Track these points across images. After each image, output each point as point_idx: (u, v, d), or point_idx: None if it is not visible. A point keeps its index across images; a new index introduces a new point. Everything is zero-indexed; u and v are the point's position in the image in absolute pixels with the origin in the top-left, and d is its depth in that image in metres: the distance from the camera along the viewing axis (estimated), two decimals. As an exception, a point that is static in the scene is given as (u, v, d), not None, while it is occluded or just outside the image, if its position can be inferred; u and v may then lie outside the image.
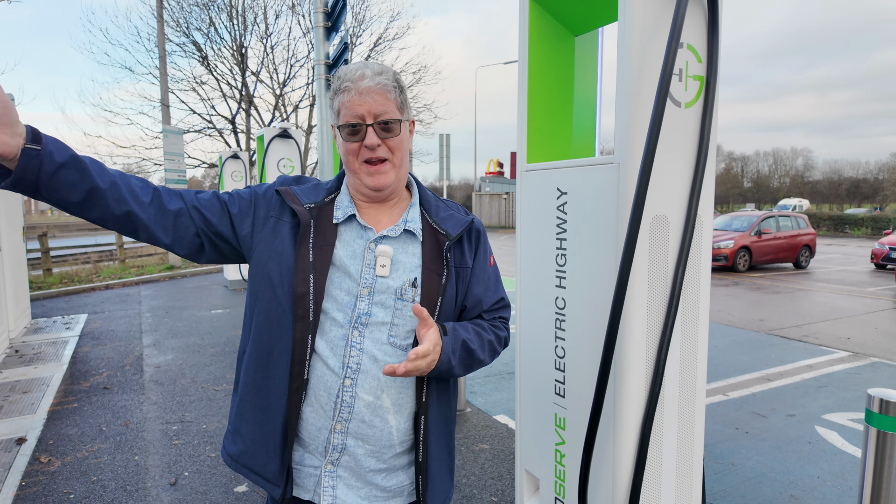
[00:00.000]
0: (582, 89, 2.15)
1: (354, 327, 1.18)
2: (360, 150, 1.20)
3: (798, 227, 14.60)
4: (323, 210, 1.24)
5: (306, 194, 1.25)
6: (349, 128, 1.19)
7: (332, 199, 1.26)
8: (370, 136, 1.18)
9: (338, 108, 1.21)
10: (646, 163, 1.47)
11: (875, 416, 1.71)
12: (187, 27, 15.58)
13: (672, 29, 1.47)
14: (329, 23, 4.07)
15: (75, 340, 6.46)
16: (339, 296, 1.18)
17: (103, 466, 3.44)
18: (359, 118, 1.18)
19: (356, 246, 1.22)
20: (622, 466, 1.65)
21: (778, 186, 68.17)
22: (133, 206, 1.10)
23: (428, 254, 1.25)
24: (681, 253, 1.62)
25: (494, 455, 3.60)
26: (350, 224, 1.24)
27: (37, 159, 0.97)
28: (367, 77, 1.18)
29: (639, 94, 1.55)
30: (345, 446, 1.20)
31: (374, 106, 1.18)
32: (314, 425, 1.20)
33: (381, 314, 1.19)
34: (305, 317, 1.15)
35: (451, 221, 1.30)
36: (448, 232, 1.27)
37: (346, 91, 1.19)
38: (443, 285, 1.24)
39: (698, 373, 1.77)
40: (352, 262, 1.20)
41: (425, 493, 1.27)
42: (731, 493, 3.14)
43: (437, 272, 1.24)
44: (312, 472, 1.22)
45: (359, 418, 1.19)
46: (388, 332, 1.20)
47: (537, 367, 2.02)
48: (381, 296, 1.20)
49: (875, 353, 6.21)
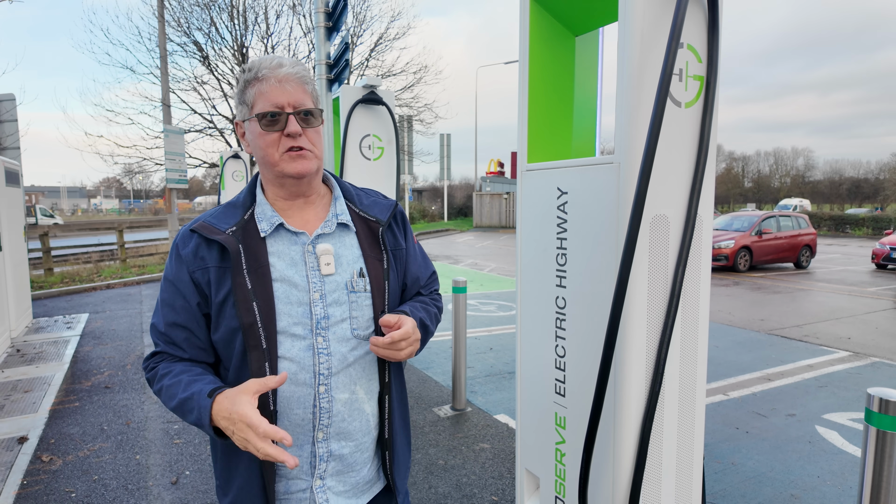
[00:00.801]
0: (582, 89, 2.15)
1: (318, 334, 1.16)
2: (280, 140, 1.15)
3: (799, 227, 14.60)
4: (247, 229, 1.17)
5: (222, 219, 1.18)
6: (268, 117, 1.13)
7: (252, 214, 1.20)
8: (292, 123, 1.14)
9: (252, 98, 1.15)
10: (646, 162, 1.47)
11: (875, 415, 1.72)
12: (188, 27, 15.60)
13: (672, 29, 1.48)
14: (330, 23, 4.07)
15: (76, 340, 6.47)
16: (291, 310, 1.15)
17: (105, 465, 3.45)
18: (278, 107, 1.14)
19: (293, 253, 1.18)
20: (622, 465, 1.65)
21: (779, 186, 68.11)
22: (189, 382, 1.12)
23: (365, 242, 1.25)
24: (681, 252, 1.63)
25: (495, 454, 3.61)
26: (279, 234, 1.19)
27: None
28: (286, 66, 1.16)
29: (639, 94, 1.56)
30: (330, 452, 1.20)
31: (294, 95, 1.15)
32: (294, 447, 1.17)
33: (339, 312, 1.19)
34: (258, 346, 1.11)
35: (377, 207, 1.31)
36: (378, 218, 1.28)
37: (264, 80, 1.14)
38: (385, 270, 1.26)
39: (698, 372, 1.78)
40: (293, 271, 1.17)
41: (392, 468, 1.29)
42: (731, 493, 3.15)
43: (378, 258, 1.25)
44: (302, 496, 1.20)
45: (339, 418, 1.19)
46: (349, 326, 1.20)
47: (538, 367, 2.02)
48: (333, 294, 1.19)
49: (875, 353, 6.21)
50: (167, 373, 1.15)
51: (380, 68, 18.08)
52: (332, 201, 1.28)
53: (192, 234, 1.17)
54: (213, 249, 1.15)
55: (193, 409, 1.06)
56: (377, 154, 4.20)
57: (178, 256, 1.18)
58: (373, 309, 1.22)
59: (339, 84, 4.33)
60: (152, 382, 1.18)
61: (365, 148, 4.11)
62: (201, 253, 1.15)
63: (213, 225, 1.16)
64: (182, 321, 1.16)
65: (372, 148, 4.15)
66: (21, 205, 7.32)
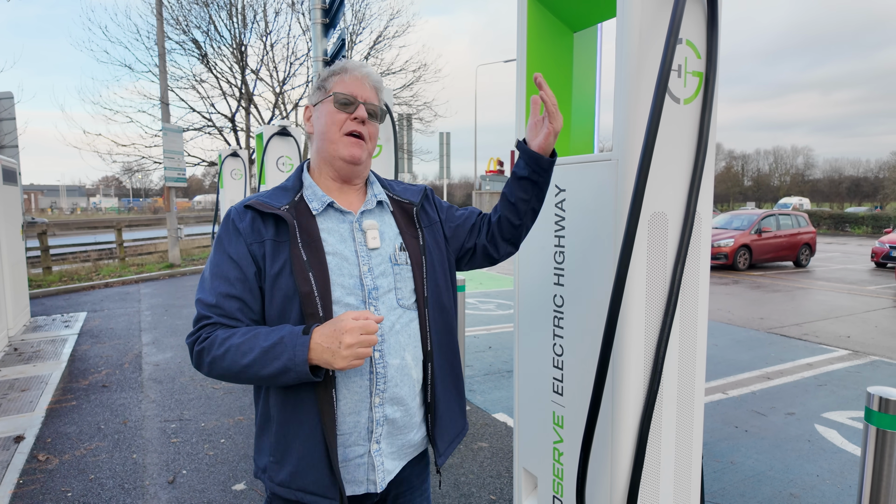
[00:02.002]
0: (580, 86, 2.14)
1: (369, 304, 1.24)
2: (346, 122, 1.28)
3: (798, 225, 14.59)
4: (298, 207, 1.27)
5: (276, 199, 1.27)
6: (344, 98, 1.27)
7: (301, 196, 1.30)
8: (361, 110, 1.27)
9: (332, 85, 1.30)
10: (644, 159, 1.45)
11: (875, 414, 1.70)
12: (187, 25, 15.55)
13: (671, 24, 1.46)
14: (327, 19, 4.05)
15: (74, 338, 6.45)
16: (344, 281, 1.23)
17: (101, 464, 3.44)
18: (354, 95, 1.28)
19: (342, 230, 1.28)
20: (620, 465, 1.64)
21: (778, 185, 68.10)
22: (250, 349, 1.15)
23: (401, 221, 1.36)
24: (679, 250, 1.61)
25: (493, 453, 3.59)
26: (328, 213, 1.29)
27: None
28: (366, 68, 1.33)
29: (637, 91, 1.54)
30: (385, 416, 1.26)
31: (369, 92, 1.31)
32: (354, 413, 1.23)
33: (385, 283, 1.28)
34: (315, 313, 1.18)
35: (409, 192, 1.43)
36: (411, 200, 1.40)
37: (348, 72, 1.30)
38: (421, 245, 1.35)
39: (697, 370, 1.76)
40: (344, 246, 1.26)
41: (434, 430, 1.35)
42: (730, 492, 3.14)
43: (413, 235, 1.35)
44: (360, 461, 1.26)
45: (392, 383, 1.26)
46: (395, 296, 1.28)
47: (536, 365, 2.01)
48: (380, 267, 1.28)
49: (875, 352, 6.20)
50: (231, 335, 1.16)
51: (379, 66, 18.05)
52: (369, 185, 1.40)
53: (246, 209, 1.25)
54: (268, 224, 1.23)
55: (284, 351, 1.10)
56: (375, 152, 4.18)
57: (234, 230, 1.23)
58: (413, 281, 1.31)
59: (337, 82, 4.31)
60: (208, 351, 1.17)
61: None
62: (257, 226, 1.23)
63: (267, 202, 1.25)
64: (237, 292, 1.21)
65: None
66: (19, 203, 7.30)
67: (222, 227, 1.26)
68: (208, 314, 1.20)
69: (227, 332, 1.17)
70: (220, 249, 1.24)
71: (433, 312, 1.34)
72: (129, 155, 15.77)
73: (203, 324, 1.20)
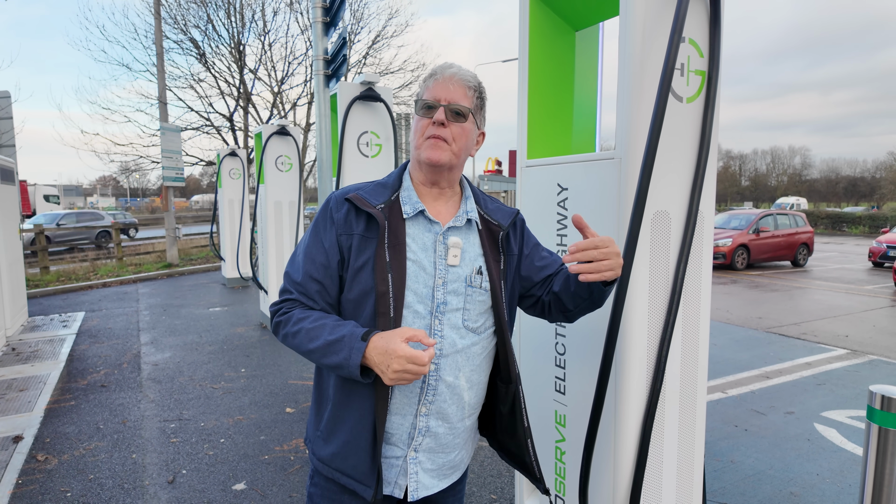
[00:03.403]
0: (582, 85, 2.13)
1: (435, 316, 1.27)
2: (427, 126, 1.29)
3: (796, 225, 14.62)
4: (392, 208, 1.30)
5: (375, 195, 1.31)
6: (424, 105, 1.29)
7: (398, 196, 1.32)
8: (440, 113, 1.27)
9: (421, 92, 1.33)
10: (648, 158, 1.45)
11: (877, 412, 1.70)
12: (185, 24, 15.51)
13: (674, 23, 1.46)
14: (328, 18, 4.04)
15: (72, 338, 6.43)
16: (418, 289, 1.26)
17: (101, 464, 3.43)
18: (436, 99, 1.29)
19: (426, 239, 1.30)
20: (623, 463, 1.64)
21: (776, 185, 68.25)
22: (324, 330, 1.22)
23: (486, 242, 1.35)
24: (682, 249, 1.61)
25: (493, 452, 3.59)
26: (417, 219, 1.31)
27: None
28: (454, 68, 1.32)
29: (640, 89, 1.54)
30: (428, 428, 1.29)
31: (453, 93, 1.29)
32: (400, 414, 1.27)
33: (455, 301, 1.29)
34: (386, 313, 1.22)
35: (500, 213, 1.41)
36: (500, 223, 1.38)
37: (434, 76, 1.31)
38: (502, 270, 1.36)
39: (699, 369, 1.76)
40: (424, 255, 1.28)
41: (536, 455, 1.40)
42: (730, 491, 3.14)
43: (496, 259, 1.35)
44: (395, 462, 1.30)
45: (441, 398, 1.28)
46: (461, 317, 1.30)
47: (538, 364, 2.01)
48: (454, 284, 1.29)
49: (873, 351, 6.21)
50: (305, 317, 1.24)
51: (377, 66, 18.03)
52: (464, 199, 1.38)
53: (345, 201, 1.30)
54: (360, 219, 1.28)
55: (342, 350, 1.16)
56: (375, 151, 4.18)
57: (330, 218, 1.30)
58: (485, 305, 1.32)
59: (337, 80, 4.30)
60: (284, 325, 1.27)
61: (363, 145, 4.08)
62: (350, 219, 1.28)
63: (365, 198, 1.29)
64: (319, 276, 1.28)
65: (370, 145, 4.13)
66: (16, 202, 7.27)
67: (320, 211, 1.33)
68: (291, 289, 1.30)
69: (304, 312, 1.26)
70: (315, 233, 1.31)
71: (501, 341, 1.35)
72: (127, 154, 15.73)
73: (286, 297, 1.30)
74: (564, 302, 1.38)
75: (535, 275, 1.44)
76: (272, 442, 3.75)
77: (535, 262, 1.45)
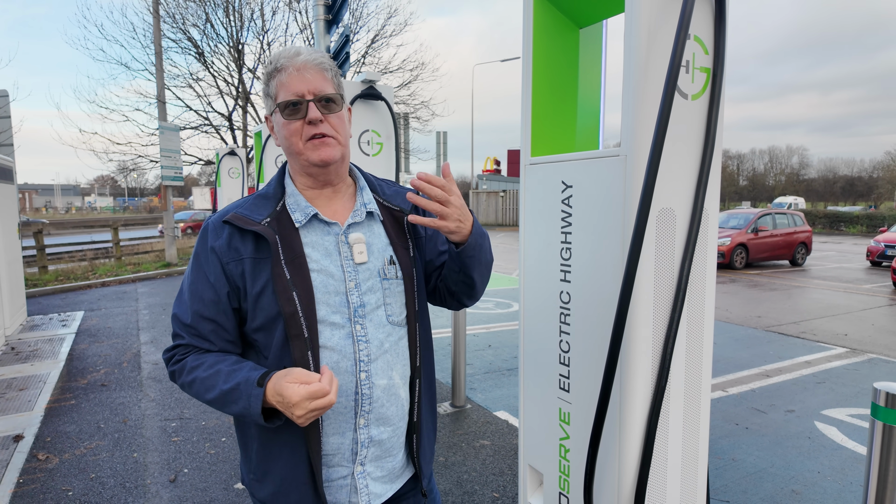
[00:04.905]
0: (586, 82, 2.13)
1: (356, 322, 1.18)
2: (303, 128, 1.16)
3: (794, 224, 14.65)
4: (280, 219, 1.17)
5: (256, 210, 1.17)
6: (290, 106, 1.15)
7: (283, 205, 1.20)
8: (312, 110, 1.14)
9: (275, 90, 1.17)
10: (654, 155, 1.45)
11: (881, 409, 1.71)
12: (183, 23, 15.48)
13: (680, 20, 1.46)
14: (329, 15, 4.03)
15: (72, 338, 6.42)
16: (329, 299, 1.16)
17: (102, 463, 3.42)
18: (298, 95, 1.15)
19: (327, 243, 1.19)
20: (628, 461, 1.64)
21: (773, 184, 68.38)
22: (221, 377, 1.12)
23: (392, 231, 1.27)
24: (687, 246, 1.61)
25: (495, 451, 3.59)
26: (312, 224, 1.20)
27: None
28: (303, 54, 1.17)
29: (645, 86, 1.54)
30: (370, 438, 1.21)
31: (313, 83, 1.15)
32: (338, 434, 1.19)
33: (374, 300, 1.21)
34: (300, 334, 1.12)
35: (399, 197, 1.33)
36: (402, 207, 1.30)
37: (283, 70, 1.15)
38: (412, 257, 1.28)
39: (704, 367, 1.77)
40: (329, 261, 1.18)
41: (418, 451, 1.31)
42: (732, 489, 3.14)
43: (404, 246, 1.28)
44: (342, 483, 1.22)
45: (378, 404, 1.21)
46: (384, 313, 1.22)
47: (541, 362, 2.01)
48: (367, 282, 1.21)
49: (872, 350, 6.23)
50: (198, 364, 1.13)
51: (376, 65, 18.03)
52: (359, 191, 1.29)
53: (224, 224, 1.16)
54: (247, 240, 1.15)
55: (240, 399, 1.06)
56: (376, 150, 4.17)
57: (210, 248, 1.16)
58: (404, 295, 1.25)
59: (338, 79, 4.28)
60: (179, 375, 1.16)
61: (364, 143, 4.08)
62: (235, 244, 1.15)
63: (247, 216, 1.16)
64: (210, 314, 1.15)
65: (371, 143, 4.12)
66: (14, 202, 7.25)
67: (199, 241, 1.19)
68: (181, 333, 1.17)
69: (196, 359, 1.14)
70: (197, 267, 1.18)
71: (422, 327, 1.29)
72: (126, 154, 15.70)
73: (177, 343, 1.18)
74: (448, 283, 1.31)
75: (437, 258, 1.36)
76: (273, 441, 3.75)
77: (438, 245, 1.37)
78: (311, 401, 1.00)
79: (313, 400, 1.00)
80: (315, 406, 1.01)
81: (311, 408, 1.01)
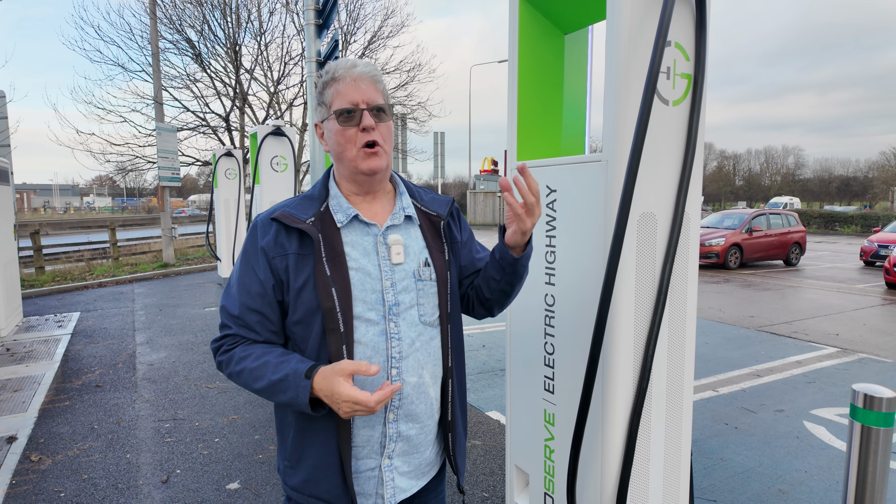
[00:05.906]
0: (572, 87, 2.16)
1: (390, 320, 1.24)
2: (357, 135, 1.23)
3: (789, 224, 14.71)
4: (324, 219, 1.26)
5: (302, 210, 1.26)
6: (345, 113, 1.22)
7: (327, 206, 1.28)
8: (366, 118, 1.22)
9: (330, 98, 1.25)
10: (633, 160, 1.48)
11: (860, 411, 1.74)
12: (180, 24, 15.46)
13: (659, 27, 1.48)
14: (320, 20, 4.06)
15: (67, 338, 6.42)
16: (366, 297, 1.23)
17: (95, 465, 3.44)
18: (353, 104, 1.22)
19: (366, 244, 1.26)
20: (610, 461, 1.67)
21: (769, 184, 68.52)
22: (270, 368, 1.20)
23: (428, 234, 1.33)
24: (668, 250, 1.64)
25: (486, 451, 3.62)
26: (353, 225, 1.27)
27: None
28: (359, 66, 1.25)
29: (626, 92, 1.57)
30: (399, 433, 1.27)
31: (367, 93, 1.24)
32: (368, 427, 1.25)
33: (408, 299, 1.27)
34: (336, 329, 1.19)
35: (436, 203, 1.39)
36: (439, 213, 1.37)
37: (340, 80, 1.24)
38: (447, 260, 1.33)
39: (686, 368, 1.79)
40: (367, 260, 1.25)
41: (454, 449, 1.37)
42: (719, 488, 3.17)
43: (440, 250, 1.33)
44: (370, 475, 1.27)
45: (408, 401, 1.26)
46: (417, 313, 1.28)
47: (527, 364, 2.03)
48: (403, 282, 1.26)
49: (863, 350, 6.27)
50: (247, 355, 1.21)
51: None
52: (398, 196, 1.36)
53: (272, 222, 1.24)
54: (292, 237, 1.23)
55: (288, 389, 1.14)
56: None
57: (257, 245, 1.24)
58: (438, 297, 1.30)
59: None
60: (227, 365, 1.23)
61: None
62: (281, 240, 1.23)
63: (293, 214, 1.24)
64: (257, 306, 1.23)
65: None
66: (11, 202, 7.25)
67: (248, 237, 1.29)
68: (229, 324, 1.25)
69: (245, 350, 1.22)
70: (246, 262, 1.26)
71: (454, 329, 1.34)
72: (123, 154, 15.66)
73: (225, 333, 1.26)
74: (482, 290, 1.37)
75: (471, 265, 1.42)
76: (266, 441, 3.77)
77: (473, 252, 1.44)
78: (356, 405, 1.09)
79: (358, 405, 1.09)
80: (360, 410, 1.10)
81: (356, 409, 1.10)
